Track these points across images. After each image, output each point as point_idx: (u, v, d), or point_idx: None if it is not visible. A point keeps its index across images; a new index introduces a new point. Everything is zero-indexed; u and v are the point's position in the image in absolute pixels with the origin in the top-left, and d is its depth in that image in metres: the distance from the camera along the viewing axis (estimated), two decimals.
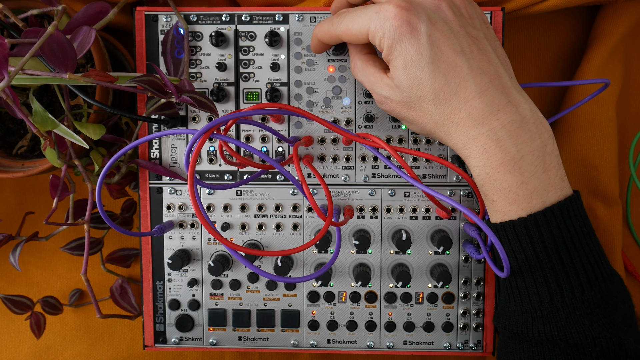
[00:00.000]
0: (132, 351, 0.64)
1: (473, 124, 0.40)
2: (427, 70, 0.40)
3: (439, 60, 0.40)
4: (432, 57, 0.40)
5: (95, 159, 0.51)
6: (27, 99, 0.50)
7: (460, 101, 0.40)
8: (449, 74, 0.40)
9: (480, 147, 0.41)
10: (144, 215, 0.53)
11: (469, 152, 0.41)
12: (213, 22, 0.50)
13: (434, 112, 0.41)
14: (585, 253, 0.41)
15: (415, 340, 0.54)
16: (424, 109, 0.42)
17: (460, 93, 0.40)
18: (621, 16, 0.55)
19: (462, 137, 0.41)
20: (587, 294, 0.41)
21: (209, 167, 0.52)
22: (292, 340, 0.54)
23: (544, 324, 0.41)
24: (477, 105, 0.40)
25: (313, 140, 0.51)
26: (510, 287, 0.44)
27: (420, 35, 0.39)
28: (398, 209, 0.52)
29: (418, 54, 0.40)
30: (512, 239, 0.42)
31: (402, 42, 0.40)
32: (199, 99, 0.45)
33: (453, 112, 0.41)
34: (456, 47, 0.40)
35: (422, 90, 0.41)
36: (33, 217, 0.58)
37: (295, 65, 0.51)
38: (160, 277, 0.54)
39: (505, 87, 0.41)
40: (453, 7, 0.42)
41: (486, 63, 0.41)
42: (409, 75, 0.40)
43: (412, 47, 0.40)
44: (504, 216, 0.42)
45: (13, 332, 0.64)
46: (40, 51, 0.40)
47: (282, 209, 0.53)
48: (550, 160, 0.41)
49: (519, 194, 0.41)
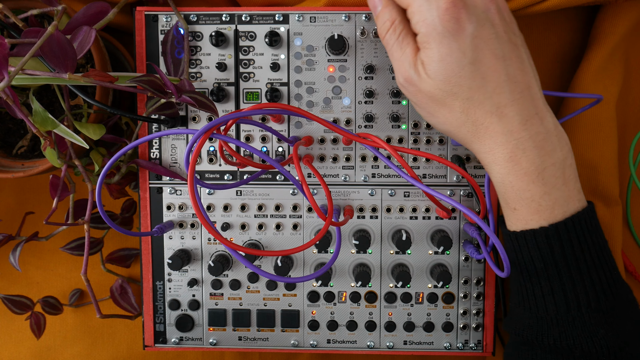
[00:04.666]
0: (132, 351, 0.64)
1: (502, 130, 0.40)
2: (467, 69, 0.39)
3: (480, 63, 0.40)
4: (474, 58, 0.39)
5: (95, 159, 0.51)
6: (27, 99, 0.50)
7: (493, 106, 0.40)
8: (487, 77, 0.40)
9: (506, 155, 0.41)
10: (144, 215, 0.53)
11: (494, 159, 0.41)
12: (213, 22, 0.50)
13: (462, 112, 0.41)
14: (601, 263, 0.42)
15: (415, 340, 0.54)
16: (454, 106, 0.41)
17: (495, 98, 0.40)
18: (621, 16, 0.55)
19: (489, 143, 0.41)
20: (602, 303, 0.41)
21: (209, 167, 0.52)
22: (292, 340, 0.54)
23: (559, 332, 0.41)
24: (508, 113, 0.40)
25: (313, 140, 0.51)
26: (527, 294, 0.44)
27: (466, 35, 0.39)
28: (398, 209, 0.52)
29: (460, 52, 0.39)
30: (532, 247, 0.42)
31: (444, 36, 0.39)
32: (199, 99, 0.45)
33: (484, 116, 0.40)
34: (498, 52, 0.40)
35: (458, 87, 0.40)
36: (33, 217, 0.58)
37: (295, 65, 0.51)
38: (160, 277, 0.54)
39: (535, 98, 0.41)
40: (500, 11, 0.41)
41: (521, 72, 0.41)
42: (446, 69, 0.40)
43: (455, 43, 0.39)
44: (525, 225, 0.42)
45: (13, 332, 0.64)
46: (40, 51, 0.40)
47: (282, 209, 0.53)
48: (569, 173, 0.42)
49: (541, 204, 0.41)
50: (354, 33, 0.50)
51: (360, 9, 0.50)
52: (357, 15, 0.50)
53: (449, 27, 0.39)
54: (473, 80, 0.40)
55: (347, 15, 0.50)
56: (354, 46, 0.50)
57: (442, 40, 0.39)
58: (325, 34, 0.50)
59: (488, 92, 0.40)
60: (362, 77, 0.51)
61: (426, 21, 0.39)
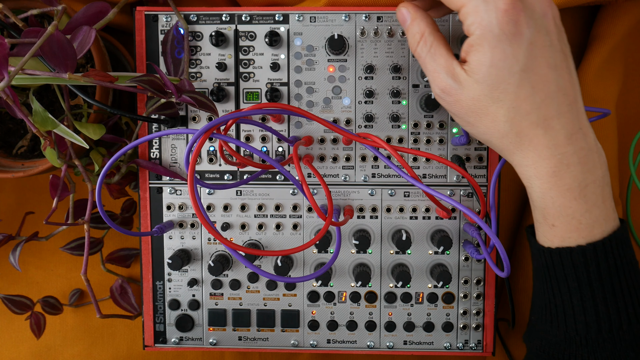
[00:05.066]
0: (132, 351, 0.64)
1: (547, 144, 0.39)
2: (517, 77, 0.38)
3: (532, 71, 0.38)
4: (526, 65, 0.37)
5: (95, 159, 0.51)
6: (27, 99, 0.50)
7: (540, 117, 0.38)
8: (537, 87, 0.38)
9: (550, 169, 0.39)
10: (144, 215, 0.53)
11: (537, 172, 0.40)
12: (213, 22, 0.50)
13: (507, 122, 0.39)
14: (634, 284, 0.41)
15: (415, 340, 0.54)
16: (497, 115, 0.39)
17: (543, 109, 0.38)
18: (621, 16, 0.55)
19: (533, 155, 0.39)
20: (633, 326, 0.41)
21: (209, 167, 0.52)
22: (292, 340, 0.54)
23: (588, 353, 0.41)
24: (555, 126, 0.39)
25: (313, 140, 0.51)
26: (556, 311, 0.43)
27: (522, 40, 0.37)
28: (398, 209, 0.52)
29: (514, 57, 0.37)
30: (566, 265, 0.41)
31: (500, 40, 0.37)
32: (199, 99, 0.45)
33: (529, 127, 0.39)
34: (550, 62, 0.38)
35: (505, 94, 0.38)
36: (33, 217, 0.58)
37: (295, 65, 0.51)
38: (160, 277, 0.54)
39: (579, 112, 0.40)
40: (555, 18, 0.39)
41: (570, 84, 0.39)
42: (496, 75, 0.38)
43: (509, 48, 0.37)
44: (562, 242, 0.41)
45: (13, 332, 0.64)
46: (40, 51, 0.40)
47: (282, 208, 0.53)
48: (607, 191, 0.41)
49: (582, 221, 0.40)
50: (354, 33, 0.50)
51: (360, 9, 0.50)
52: (357, 15, 0.50)
53: (506, 30, 0.37)
54: (522, 88, 0.38)
55: (347, 15, 0.50)
56: (354, 46, 0.50)
57: (497, 44, 0.37)
58: (325, 34, 0.50)
59: (536, 103, 0.38)
60: (362, 77, 0.51)
61: (482, 22, 0.37)
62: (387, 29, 0.50)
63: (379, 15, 0.50)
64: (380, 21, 0.50)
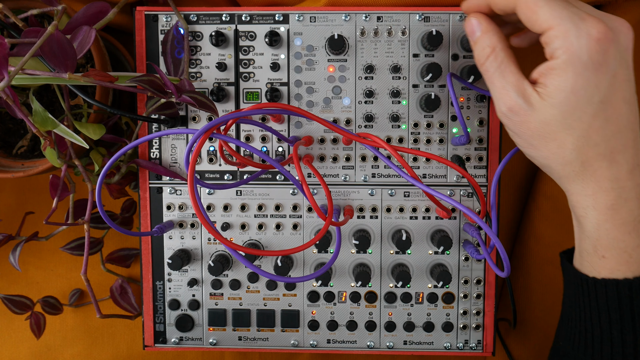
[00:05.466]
0: (132, 351, 0.64)
1: (610, 176, 0.39)
2: (594, 107, 0.37)
3: (609, 103, 0.38)
4: (606, 96, 0.37)
5: (95, 159, 0.51)
6: (27, 99, 0.50)
7: (607, 150, 0.38)
8: (610, 119, 0.38)
9: (608, 202, 0.39)
10: (144, 215, 0.53)
11: (595, 203, 0.40)
12: (213, 22, 0.50)
13: (574, 150, 0.39)
14: None
15: (415, 340, 0.54)
16: (565, 142, 0.39)
17: (612, 142, 0.38)
18: (621, 16, 0.55)
19: (593, 186, 0.39)
20: None
21: (209, 167, 0.52)
22: (292, 340, 0.54)
23: None
24: (619, 160, 0.39)
25: (313, 140, 0.51)
26: (592, 340, 0.43)
27: (608, 71, 0.37)
28: (398, 209, 0.52)
29: (596, 87, 0.37)
30: (611, 297, 0.41)
31: (586, 68, 0.36)
32: (199, 99, 0.45)
33: (595, 158, 0.39)
34: (626, 96, 0.38)
35: (578, 123, 0.38)
36: (33, 217, 0.58)
37: (295, 65, 0.51)
38: (160, 277, 0.54)
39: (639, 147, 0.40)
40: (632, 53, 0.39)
41: (636, 119, 0.39)
42: (574, 102, 0.37)
43: (594, 77, 0.37)
44: (610, 274, 0.41)
45: (13, 332, 0.64)
46: (40, 51, 0.40)
47: (282, 208, 0.53)
48: None
49: (632, 255, 0.40)
50: (354, 33, 0.50)
51: (360, 9, 0.50)
52: (357, 15, 0.50)
53: (594, 59, 0.36)
54: (596, 119, 0.38)
55: (347, 15, 0.50)
56: (354, 46, 0.50)
57: (582, 71, 0.36)
58: (325, 34, 0.50)
59: (607, 135, 0.38)
60: (362, 77, 0.51)
61: (571, 48, 0.36)
62: (387, 29, 0.50)
63: (379, 15, 0.50)
64: (380, 21, 0.50)
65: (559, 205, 0.58)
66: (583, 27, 0.36)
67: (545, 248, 0.58)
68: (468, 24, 0.42)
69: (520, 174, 0.61)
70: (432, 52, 0.50)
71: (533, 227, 0.59)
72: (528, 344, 0.60)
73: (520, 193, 0.61)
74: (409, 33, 0.50)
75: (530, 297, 0.59)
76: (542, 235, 0.58)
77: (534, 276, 0.59)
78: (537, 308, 0.59)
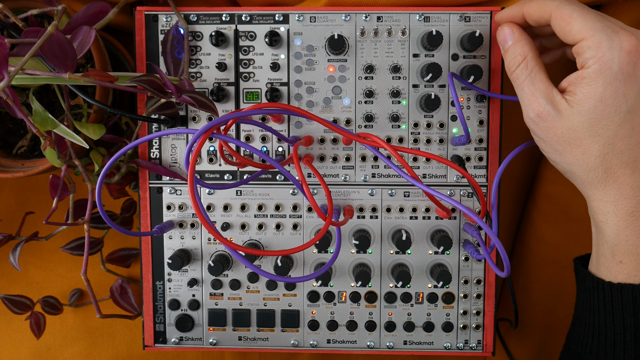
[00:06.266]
0: (132, 351, 0.64)
1: (632, 184, 0.40)
2: (621, 116, 0.39)
3: (636, 113, 0.39)
4: (633, 107, 0.39)
5: (95, 159, 0.51)
6: (27, 99, 0.50)
7: (631, 158, 0.40)
8: (636, 129, 0.39)
9: (629, 209, 0.40)
10: (144, 215, 0.53)
11: (616, 210, 0.41)
12: (213, 22, 0.50)
13: (599, 156, 0.40)
14: None
15: (415, 340, 0.54)
16: (590, 148, 0.40)
17: (635, 151, 0.40)
18: (621, 16, 0.55)
19: (615, 193, 0.40)
20: None
21: (209, 167, 0.52)
22: (292, 340, 0.54)
23: None
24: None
25: (313, 140, 0.51)
26: (605, 343, 0.43)
27: (636, 82, 0.38)
28: (398, 209, 0.52)
29: (624, 97, 0.38)
30: (626, 301, 0.42)
31: (616, 78, 0.38)
32: (199, 99, 0.45)
33: (618, 165, 0.40)
34: None
35: (605, 130, 0.39)
36: (33, 217, 0.58)
37: (295, 65, 0.51)
38: (160, 277, 0.54)
39: None
40: None
41: None
42: (602, 110, 0.39)
43: (623, 88, 0.38)
44: (627, 279, 0.42)
45: (13, 332, 0.64)
46: (40, 51, 0.40)
47: (282, 208, 0.53)
48: None
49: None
50: (354, 33, 0.50)
51: (360, 9, 0.50)
52: (357, 15, 0.50)
53: (625, 70, 0.38)
54: (622, 127, 0.39)
55: (347, 15, 0.50)
56: (354, 46, 0.50)
57: (612, 81, 0.38)
58: (325, 34, 0.50)
59: (631, 144, 0.39)
60: (362, 77, 0.51)
61: (603, 58, 0.38)
62: (387, 29, 0.50)
63: (379, 15, 0.50)
64: (380, 21, 0.50)
65: (559, 206, 0.58)
66: (616, 39, 0.38)
67: (545, 248, 0.58)
68: (501, 33, 0.44)
69: (520, 174, 0.61)
70: (432, 52, 0.50)
71: (533, 228, 0.59)
72: (528, 344, 0.60)
73: (520, 193, 0.61)
74: (409, 33, 0.50)
75: (530, 297, 0.59)
76: (542, 236, 0.58)
77: (534, 276, 0.59)
78: (537, 308, 0.59)
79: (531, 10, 0.42)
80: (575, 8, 0.40)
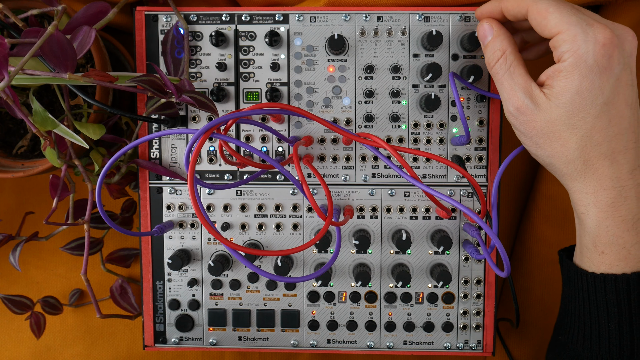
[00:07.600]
0: (132, 351, 0.64)
1: (611, 175, 0.40)
2: (597, 108, 0.39)
3: (612, 105, 0.39)
4: (609, 99, 0.39)
5: (95, 159, 0.51)
6: (27, 99, 0.50)
7: (609, 150, 0.40)
8: (613, 121, 0.40)
9: (609, 200, 0.41)
10: (144, 215, 0.53)
11: (596, 201, 0.41)
12: (213, 22, 0.50)
13: (577, 149, 0.40)
14: None
15: (415, 340, 0.54)
16: (569, 141, 0.40)
17: (613, 142, 0.40)
18: (621, 16, 0.55)
19: (594, 184, 0.41)
20: None
21: (209, 167, 0.52)
22: (292, 340, 0.54)
23: None
24: (620, 160, 0.40)
25: (313, 140, 0.51)
26: (590, 333, 0.44)
27: (612, 74, 0.39)
28: (398, 209, 0.52)
29: (600, 90, 0.39)
30: (609, 291, 0.42)
31: (592, 71, 0.38)
32: (199, 99, 0.45)
33: (597, 157, 0.40)
34: (629, 100, 0.40)
35: (582, 122, 0.39)
36: (33, 217, 0.58)
37: (295, 65, 0.51)
38: (160, 277, 0.54)
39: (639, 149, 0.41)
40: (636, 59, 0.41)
41: (637, 121, 0.41)
42: (579, 103, 0.39)
43: (598, 80, 0.38)
44: (609, 269, 0.42)
45: (13, 332, 0.64)
46: (40, 51, 0.40)
47: (282, 208, 0.53)
48: None
49: (631, 252, 0.41)
50: (354, 33, 0.50)
51: (360, 9, 0.50)
52: (357, 15, 0.50)
53: (600, 63, 0.38)
54: (599, 120, 0.39)
55: (347, 15, 0.50)
56: (354, 46, 0.50)
57: (588, 74, 0.38)
58: (325, 34, 0.50)
59: (609, 136, 0.40)
60: (362, 77, 0.51)
61: (578, 52, 0.38)
62: (387, 29, 0.50)
63: (379, 15, 0.50)
64: (380, 21, 0.50)
65: (559, 206, 0.58)
66: (590, 32, 0.38)
67: (545, 248, 0.58)
68: (480, 29, 0.45)
69: (520, 174, 0.61)
70: (432, 52, 0.50)
71: (533, 228, 0.59)
72: (528, 344, 0.60)
73: (520, 193, 0.61)
74: (409, 33, 0.50)
75: (530, 297, 0.59)
76: (542, 236, 0.58)
77: (534, 276, 0.59)
78: (537, 308, 0.59)
79: (509, 6, 0.42)
80: (551, 2, 0.40)
